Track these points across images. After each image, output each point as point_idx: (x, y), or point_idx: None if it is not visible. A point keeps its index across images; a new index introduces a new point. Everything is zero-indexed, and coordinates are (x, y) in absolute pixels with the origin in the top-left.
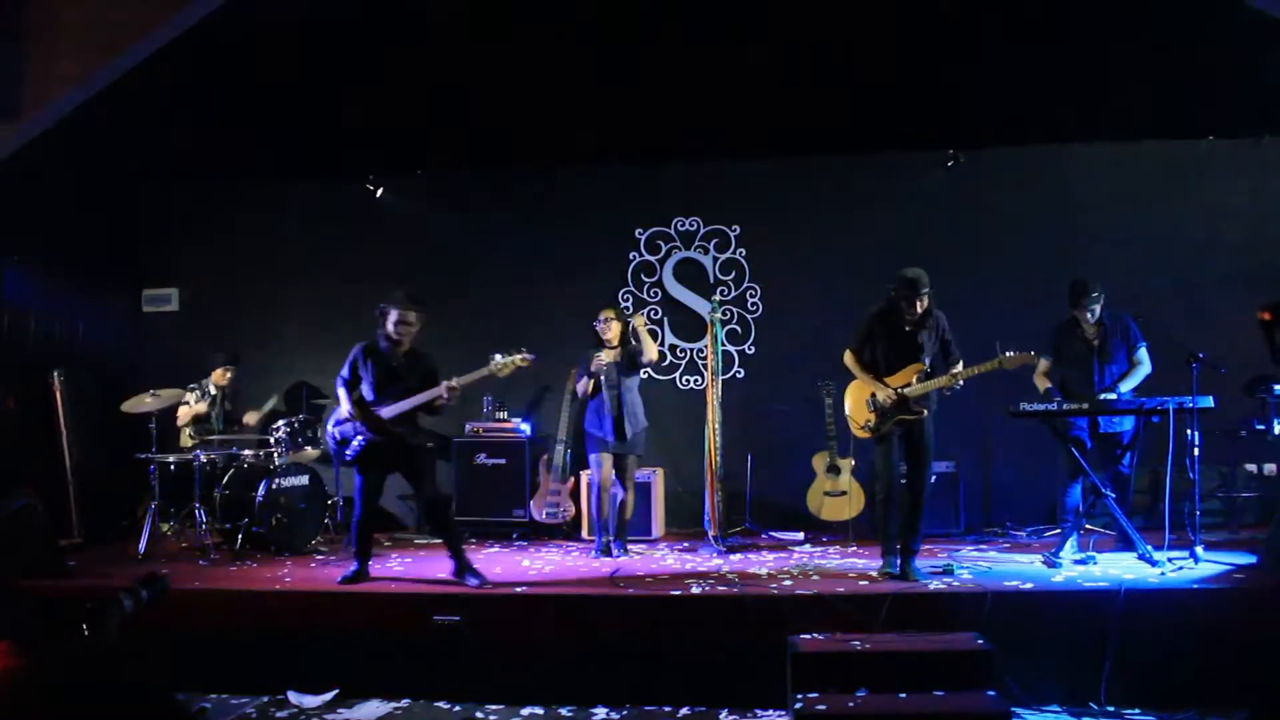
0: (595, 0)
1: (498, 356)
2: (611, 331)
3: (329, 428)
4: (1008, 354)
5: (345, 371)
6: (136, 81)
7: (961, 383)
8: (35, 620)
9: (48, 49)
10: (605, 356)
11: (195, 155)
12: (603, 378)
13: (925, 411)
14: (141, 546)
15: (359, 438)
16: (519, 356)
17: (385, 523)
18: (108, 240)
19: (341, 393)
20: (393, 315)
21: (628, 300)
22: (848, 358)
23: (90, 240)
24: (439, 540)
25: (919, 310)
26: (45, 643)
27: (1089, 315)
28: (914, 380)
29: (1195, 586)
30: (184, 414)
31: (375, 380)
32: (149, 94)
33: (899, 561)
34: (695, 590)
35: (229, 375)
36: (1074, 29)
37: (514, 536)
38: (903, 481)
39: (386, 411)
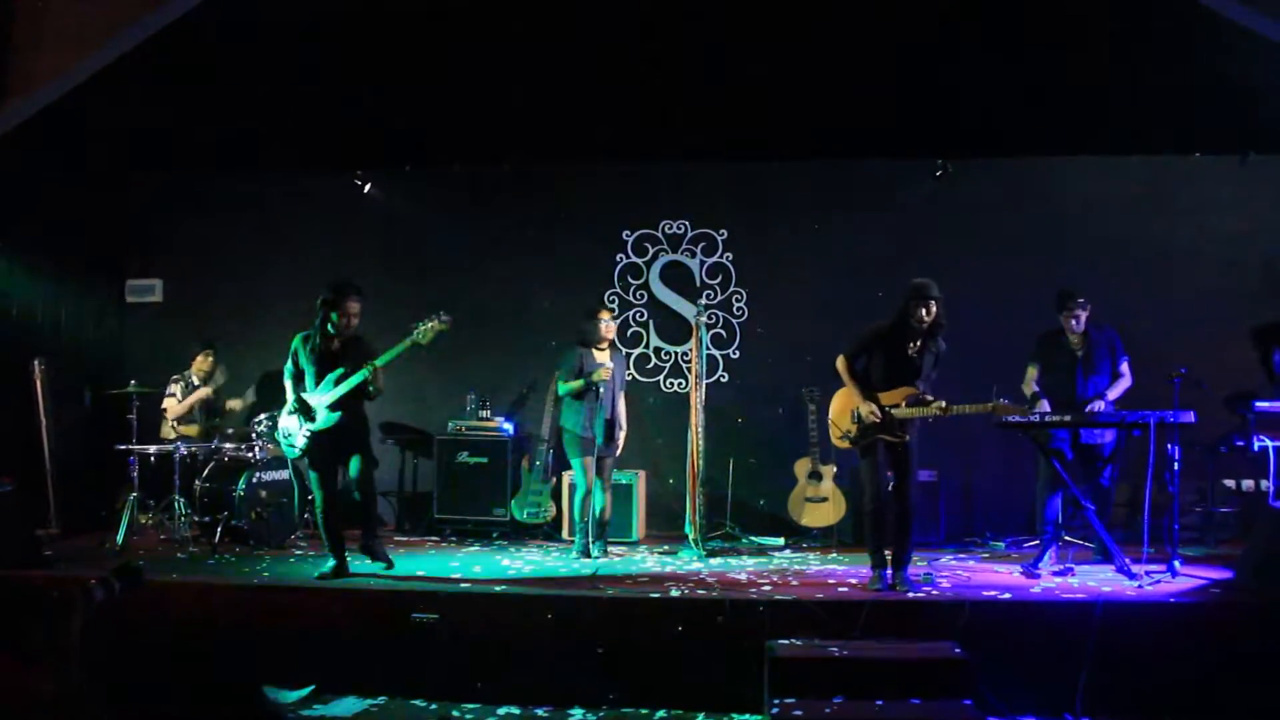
0: (588, 1)
1: (417, 325)
2: (613, 331)
3: (279, 422)
4: (1002, 400)
5: (289, 365)
6: (123, 71)
7: (948, 416)
8: (9, 611)
9: (33, 37)
10: (601, 358)
11: (181, 146)
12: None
13: (907, 436)
14: (119, 538)
15: (304, 429)
16: (438, 321)
17: (355, 514)
18: (91, 230)
19: (288, 384)
20: (342, 306)
21: (614, 302)
22: (839, 362)
23: (74, 230)
24: (414, 536)
25: (926, 318)
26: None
27: (1074, 323)
28: (903, 403)
29: (1172, 600)
30: (171, 408)
31: (314, 366)
32: (135, 84)
33: (889, 574)
34: (675, 593)
35: (210, 360)
36: (1066, 43)
37: (494, 536)
38: (889, 489)
39: (320, 400)
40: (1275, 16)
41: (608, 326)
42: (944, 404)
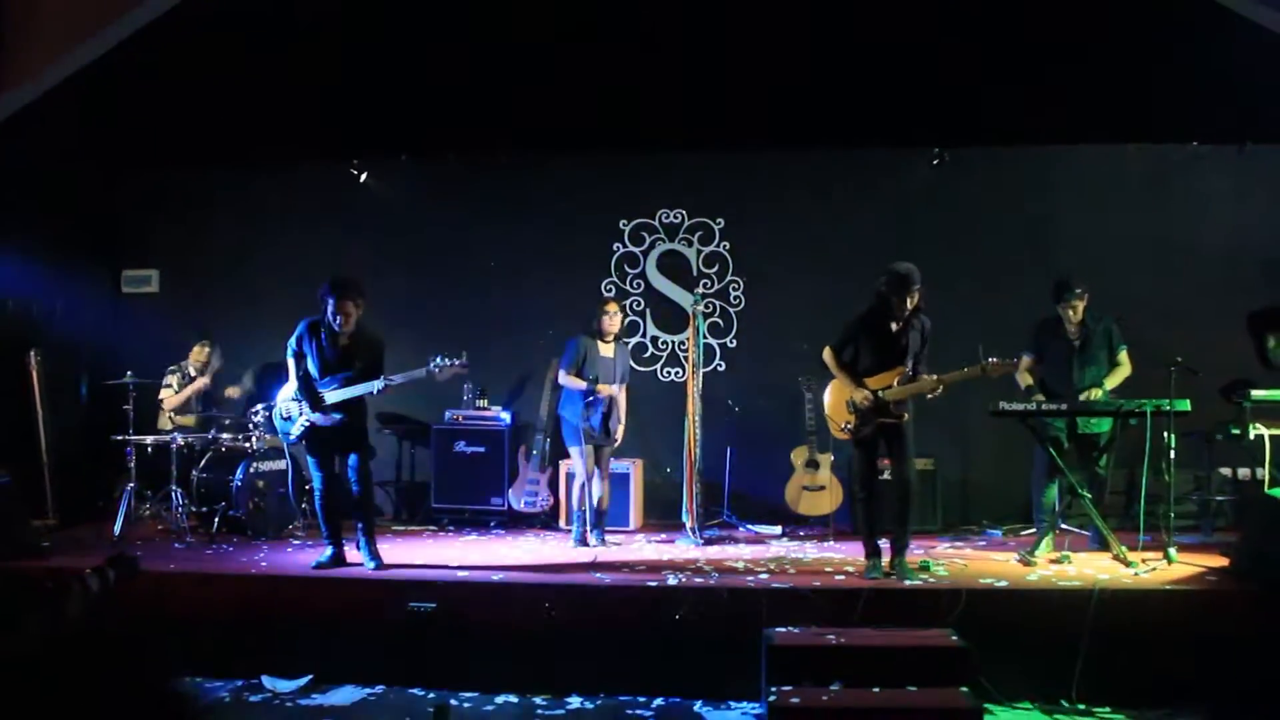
0: None
1: (438, 359)
2: (617, 324)
3: (276, 401)
4: (990, 360)
5: (293, 344)
6: (117, 62)
7: (943, 389)
8: (5, 601)
9: (26, 27)
10: (605, 351)
11: (176, 137)
12: (599, 373)
13: (905, 416)
14: (117, 528)
15: (302, 418)
16: (458, 365)
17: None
18: (87, 221)
19: (291, 363)
20: (329, 305)
21: (610, 290)
22: (826, 355)
23: (69, 221)
24: (411, 525)
25: (908, 307)
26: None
27: (1071, 313)
28: (895, 383)
29: (1168, 588)
30: (168, 400)
31: (320, 360)
32: (130, 75)
33: (888, 562)
34: (672, 581)
35: (207, 351)
36: (1062, 32)
37: (492, 525)
38: (885, 477)
39: (327, 398)
40: (1274, 5)
41: (611, 319)
42: (934, 377)
